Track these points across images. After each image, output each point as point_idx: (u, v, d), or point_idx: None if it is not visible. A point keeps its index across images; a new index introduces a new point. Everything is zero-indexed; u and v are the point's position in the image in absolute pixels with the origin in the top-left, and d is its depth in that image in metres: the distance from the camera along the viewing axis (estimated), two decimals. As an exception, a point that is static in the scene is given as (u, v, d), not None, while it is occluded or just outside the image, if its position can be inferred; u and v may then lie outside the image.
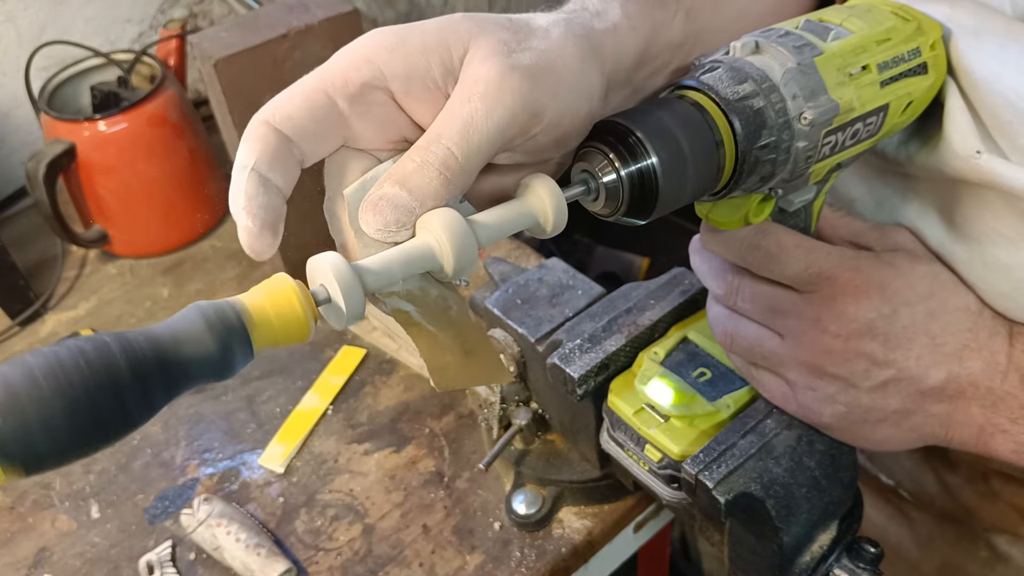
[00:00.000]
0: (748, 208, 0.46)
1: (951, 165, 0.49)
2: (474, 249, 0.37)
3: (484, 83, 0.37)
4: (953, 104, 0.48)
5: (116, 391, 0.29)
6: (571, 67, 0.40)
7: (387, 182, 0.36)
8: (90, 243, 1.05)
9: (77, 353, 0.29)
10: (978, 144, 0.47)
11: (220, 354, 0.32)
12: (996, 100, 0.46)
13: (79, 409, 0.28)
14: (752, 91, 0.41)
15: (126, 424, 0.30)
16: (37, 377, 0.28)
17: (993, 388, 0.49)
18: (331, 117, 0.38)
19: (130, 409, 0.30)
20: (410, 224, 0.36)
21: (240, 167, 0.37)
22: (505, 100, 0.37)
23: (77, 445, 0.29)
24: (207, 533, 0.75)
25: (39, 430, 0.28)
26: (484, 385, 0.48)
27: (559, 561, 0.73)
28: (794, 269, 0.49)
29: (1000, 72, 0.46)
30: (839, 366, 0.50)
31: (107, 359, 0.29)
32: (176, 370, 0.31)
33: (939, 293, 0.51)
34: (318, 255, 0.35)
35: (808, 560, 0.55)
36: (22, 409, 0.28)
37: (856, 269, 0.50)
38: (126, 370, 0.29)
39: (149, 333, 0.31)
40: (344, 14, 0.81)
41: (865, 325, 0.49)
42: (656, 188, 0.39)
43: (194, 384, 0.32)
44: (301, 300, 0.33)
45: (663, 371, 0.61)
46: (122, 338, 0.30)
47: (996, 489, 0.61)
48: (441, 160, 0.36)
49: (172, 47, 1.10)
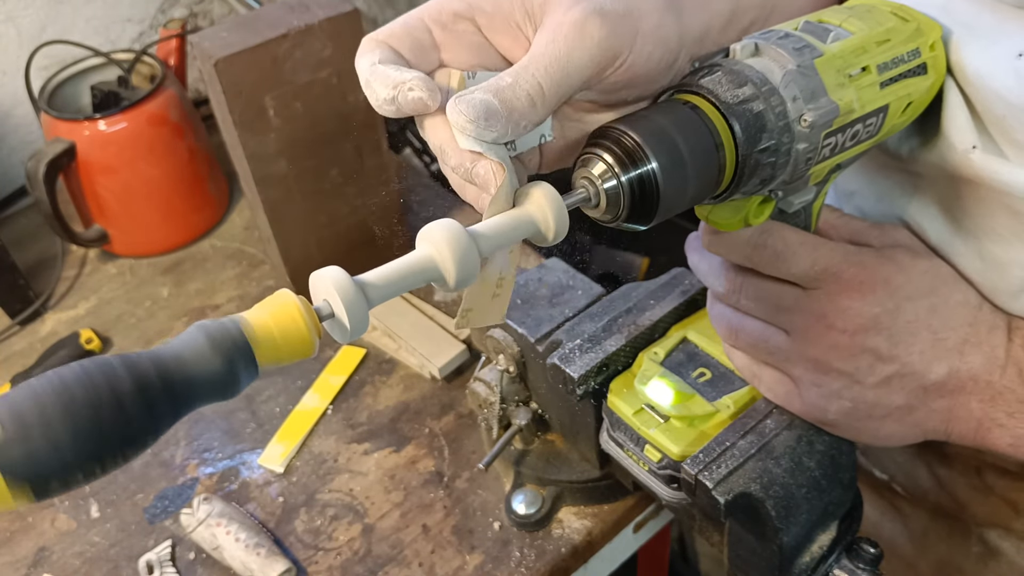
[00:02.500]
0: (748, 210, 0.46)
1: (949, 160, 0.49)
2: (476, 259, 0.37)
3: (568, 25, 0.40)
4: (951, 100, 0.48)
5: (122, 413, 0.29)
6: (649, 15, 0.43)
7: (480, 90, 0.39)
8: (90, 243, 1.05)
9: (83, 375, 0.29)
10: (974, 139, 0.47)
11: (225, 373, 0.32)
12: (988, 95, 0.46)
13: (86, 431, 0.29)
14: (752, 94, 0.41)
15: (134, 445, 0.30)
16: (44, 401, 0.28)
17: (992, 382, 0.50)
18: (427, 39, 0.43)
19: (137, 430, 0.30)
20: (496, 128, 0.39)
21: (368, 66, 0.41)
22: (585, 43, 0.40)
23: (86, 466, 0.29)
24: (207, 533, 0.75)
25: (46, 452, 0.28)
26: (495, 323, 0.49)
27: (559, 561, 0.73)
28: (800, 266, 0.50)
29: (991, 68, 0.46)
30: (845, 361, 0.50)
31: (112, 381, 0.29)
32: (182, 390, 0.31)
33: (940, 288, 0.51)
34: (321, 270, 0.35)
35: (808, 560, 0.55)
36: (29, 431, 0.28)
37: (860, 264, 0.50)
38: (132, 392, 0.30)
39: (154, 355, 0.31)
40: (344, 14, 0.81)
41: (870, 320, 0.49)
42: (657, 194, 0.39)
43: (200, 403, 0.32)
44: (304, 316, 0.33)
45: (663, 371, 0.61)
46: (127, 360, 0.30)
47: (990, 483, 0.62)
48: (530, 85, 0.39)
49: (172, 47, 1.10)
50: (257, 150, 0.82)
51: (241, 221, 1.13)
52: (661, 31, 0.43)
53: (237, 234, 1.11)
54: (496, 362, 0.72)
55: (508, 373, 0.71)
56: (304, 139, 0.84)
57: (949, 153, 0.49)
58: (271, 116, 0.81)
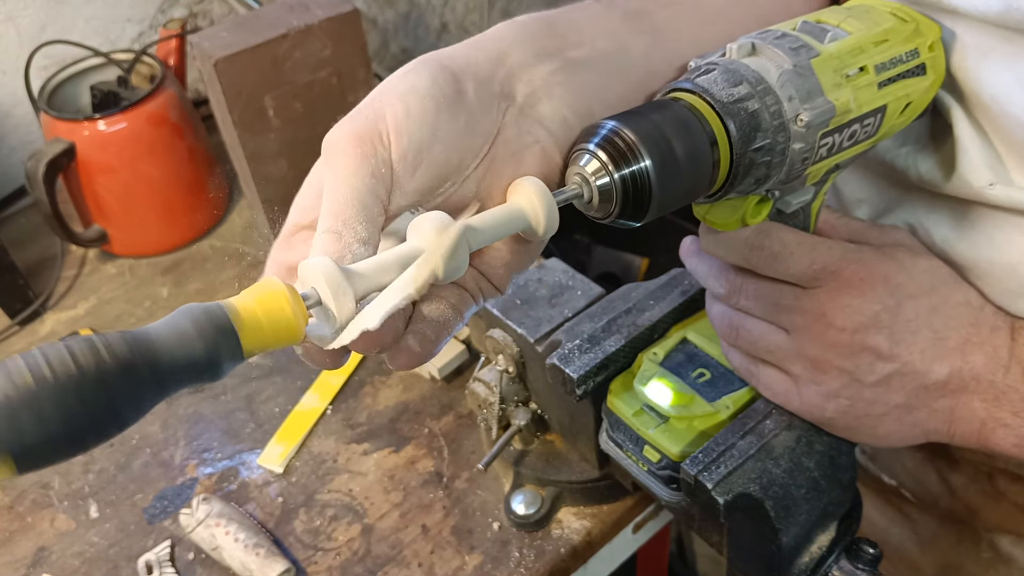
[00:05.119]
0: (745, 209, 0.46)
1: (967, 194, 0.49)
2: (465, 253, 0.37)
3: None
4: (963, 133, 0.48)
5: (105, 389, 0.29)
6: None
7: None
8: (89, 243, 1.05)
9: (65, 352, 0.29)
10: (990, 176, 0.48)
11: (207, 356, 0.32)
12: (1007, 121, 0.46)
13: (68, 405, 0.29)
14: (747, 93, 0.41)
15: (117, 422, 0.30)
16: (25, 375, 0.28)
17: (995, 382, 0.49)
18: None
19: (120, 408, 0.30)
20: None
21: None
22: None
23: (67, 440, 0.29)
24: (206, 533, 0.75)
25: (29, 423, 0.28)
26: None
27: (558, 561, 0.73)
28: (798, 266, 0.49)
29: (1008, 92, 0.46)
30: (844, 360, 0.50)
31: (95, 358, 0.29)
32: (164, 371, 0.31)
33: (940, 288, 0.51)
34: (309, 259, 0.35)
35: (807, 561, 0.55)
36: (10, 403, 0.28)
37: (859, 262, 0.50)
38: (114, 369, 0.30)
39: (137, 334, 0.31)
40: (344, 14, 0.81)
41: (870, 318, 0.49)
42: (649, 191, 0.39)
43: (183, 385, 0.32)
44: (291, 302, 0.33)
45: (662, 372, 0.61)
46: (111, 338, 0.30)
47: (1002, 489, 0.61)
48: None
49: (172, 47, 1.10)
50: (257, 150, 0.82)
51: (241, 221, 1.13)
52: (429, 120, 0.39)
53: (237, 234, 1.11)
54: (495, 362, 0.72)
55: (507, 373, 0.71)
56: (304, 139, 0.84)
57: (966, 188, 0.49)
58: (271, 116, 0.81)
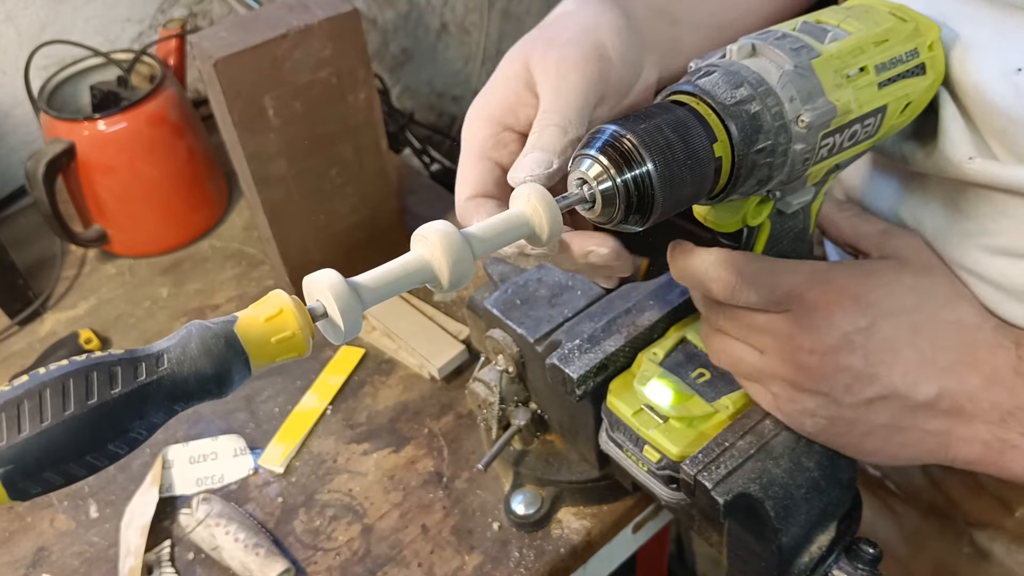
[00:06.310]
0: (746, 210, 0.46)
1: (946, 169, 0.49)
2: (470, 262, 0.37)
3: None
4: (946, 111, 0.48)
5: (112, 410, 0.29)
6: (614, 43, 0.50)
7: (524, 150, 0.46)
8: (89, 243, 1.05)
9: (74, 372, 0.29)
10: (970, 151, 0.47)
11: (217, 372, 0.32)
12: (988, 108, 0.46)
13: (76, 426, 0.29)
14: (748, 95, 0.41)
15: (125, 443, 0.30)
16: (35, 394, 0.28)
17: (999, 403, 0.48)
18: (499, 170, 0.51)
19: (127, 428, 0.30)
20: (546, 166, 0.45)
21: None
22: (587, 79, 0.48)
23: (73, 463, 0.29)
24: (206, 533, 0.75)
25: (35, 446, 0.28)
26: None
27: (558, 561, 0.73)
28: (759, 294, 0.49)
29: (990, 82, 0.46)
30: (817, 382, 0.50)
31: (103, 378, 0.29)
32: (173, 389, 0.31)
33: (927, 306, 0.50)
34: (314, 273, 0.35)
35: (807, 561, 0.55)
36: (17, 424, 0.28)
37: (825, 283, 0.49)
38: (122, 388, 0.30)
39: (147, 352, 0.31)
40: (344, 14, 0.81)
41: (840, 339, 0.48)
42: (652, 195, 0.39)
43: (192, 402, 0.32)
44: (297, 316, 0.33)
45: (662, 372, 0.61)
46: (119, 358, 0.30)
47: (982, 481, 0.61)
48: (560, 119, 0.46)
49: (172, 47, 1.10)
50: (257, 150, 0.82)
51: (241, 221, 1.13)
52: (628, 55, 0.49)
53: (237, 234, 1.11)
54: (495, 362, 0.72)
55: (507, 373, 0.71)
56: (303, 139, 0.84)
57: (945, 163, 0.49)
58: (271, 116, 0.81)
